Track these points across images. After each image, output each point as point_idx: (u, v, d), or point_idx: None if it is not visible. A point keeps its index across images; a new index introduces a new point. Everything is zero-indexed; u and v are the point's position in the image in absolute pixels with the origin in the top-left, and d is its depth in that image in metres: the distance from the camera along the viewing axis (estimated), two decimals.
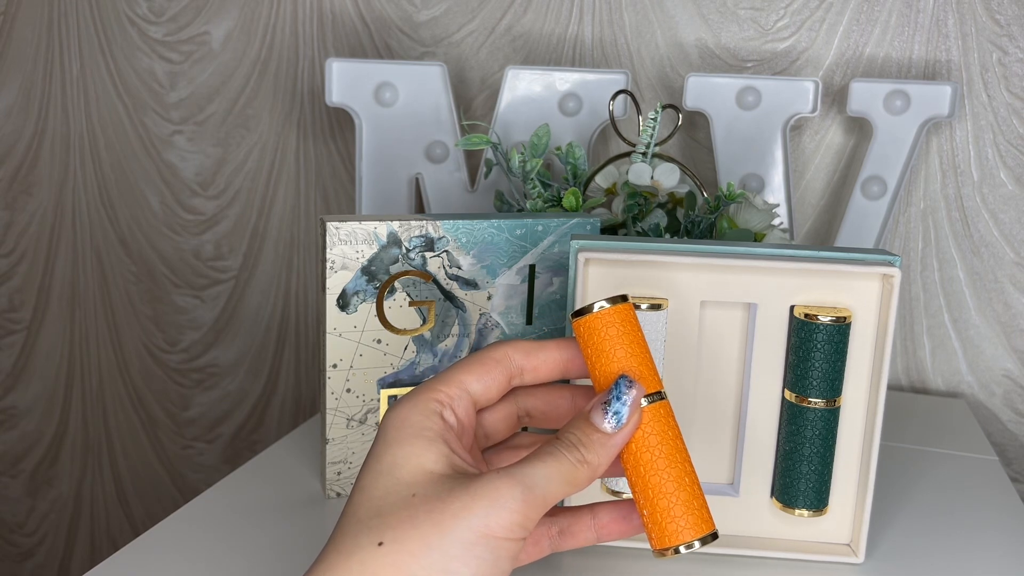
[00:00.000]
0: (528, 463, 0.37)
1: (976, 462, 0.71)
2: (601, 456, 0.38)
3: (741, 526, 0.55)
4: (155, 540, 0.54)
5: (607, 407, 0.39)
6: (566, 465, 0.38)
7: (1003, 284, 0.85)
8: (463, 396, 0.40)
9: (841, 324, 0.51)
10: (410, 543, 0.35)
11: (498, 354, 0.41)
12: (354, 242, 0.57)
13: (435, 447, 0.38)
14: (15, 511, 1.15)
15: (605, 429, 0.39)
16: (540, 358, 0.42)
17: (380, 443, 0.38)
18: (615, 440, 0.39)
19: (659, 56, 0.88)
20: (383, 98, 0.81)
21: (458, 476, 0.37)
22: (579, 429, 0.39)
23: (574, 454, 0.38)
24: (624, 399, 0.39)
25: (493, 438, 0.43)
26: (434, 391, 0.40)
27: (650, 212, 0.69)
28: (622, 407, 0.39)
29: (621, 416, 0.39)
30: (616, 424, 0.39)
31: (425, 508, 0.35)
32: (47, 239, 1.06)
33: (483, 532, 0.35)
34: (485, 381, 0.41)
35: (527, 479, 0.36)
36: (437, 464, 0.37)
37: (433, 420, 0.38)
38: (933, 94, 0.78)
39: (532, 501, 0.36)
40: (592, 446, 0.38)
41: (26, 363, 1.10)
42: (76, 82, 1.01)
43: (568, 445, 0.38)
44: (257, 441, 1.06)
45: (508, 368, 0.41)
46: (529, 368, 0.42)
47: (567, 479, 0.37)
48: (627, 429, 0.39)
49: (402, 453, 0.37)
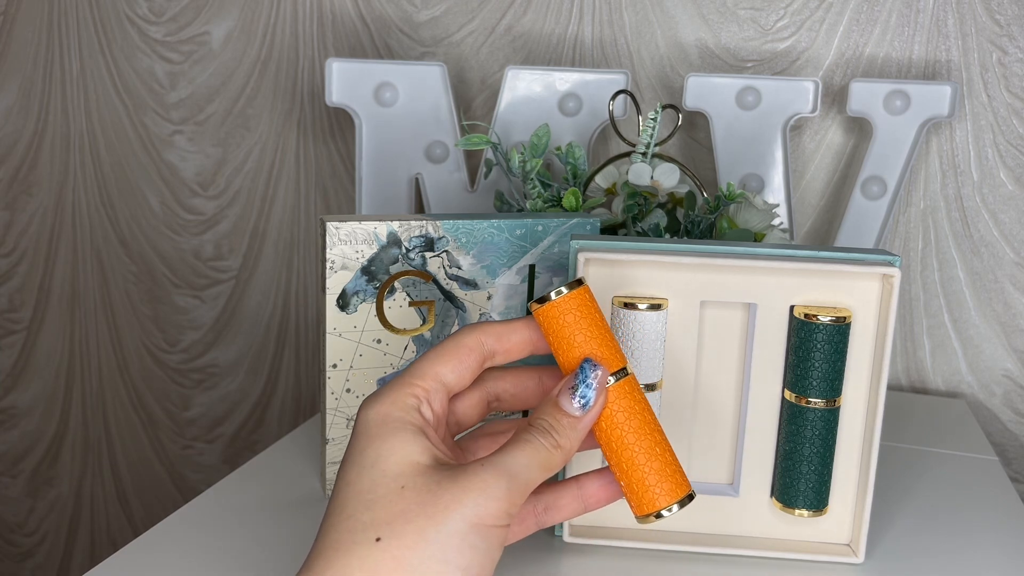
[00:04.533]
0: (508, 452, 0.38)
1: (976, 462, 0.71)
2: (572, 439, 0.40)
3: (741, 526, 0.55)
4: (155, 540, 0.54)
5: (574, 391, 0.40)
6: (542, 451, 0.39)
7: (1003, 284, 0.85)
8: (439, 389, 0.41)
9: (841, 324, 0.51)
10: (407, 537, 0.36)
11: (470, 341, 0.42)
12: (354, 242, 0.57)
13: (418, 440, 0.38)
14: (15, 511, 1.15)
15: (573, 412, 0.40)
16: (512, 340, 0.42)
17: (361, 438, 0.39)
18: (584, 422, 0.40)
19: (659, 56, 0.88)
20: (383, 98, 0.81)
21: (443, 467, 0.38)
22: (549, 414, 0.40)
23: (547, 439, 0.39)
24: (589, 382, 0.40)
25: (464, 425, 0.44)
26: (411, 386, 0.40)
27: (650, 212, 0.69)
28: (588, 390, 0.40)
29: (588, 399, 0.40)
30: (584, 407, 0.40)
31: (417, 501, 0.36)
32: (47, 239, 1.06)
33: (475, 522, 0.36)
34: (459, 371, 0.41)
35: (509, 468, 0.38)
36: (422, 456, 0.38)
37: (412, 415, 0.39)
38: (933, 94, 0.78)
39: (516, 488, 0.38)
40: (563, 430, 0.40)
41: (26, 363, 1.10)
42: (76, 82, 1.01)
43: (541, 431, 0.40)
44: (257, 441, 1.06)
45: (480, 354, 0.42)
46: (501, 351, 0.42)
47: (543, 464, 0.39)
48: (594, 410, 0.40)
49: (386, 447, 0.38)
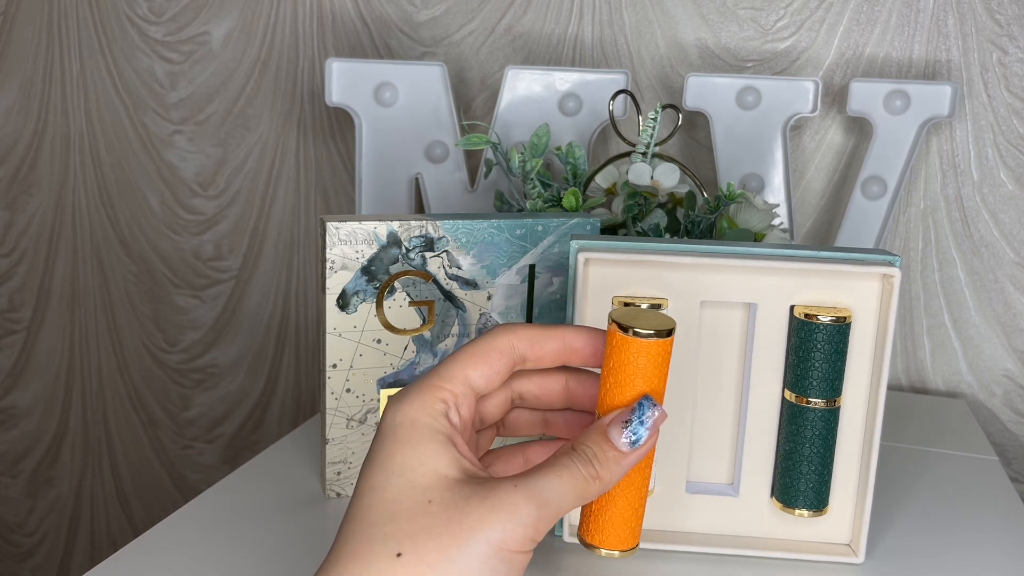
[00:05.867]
0: (543, 475, 0.37)
1: (976, 462, 0.71)
2: (614, 473, 0.38)
3: (741, 526, 0.55)
4: (155, 540, 0.54)
5: (627, 425, 0.38)
6: (580, 480, 0.37)
7: (1003, 284, 0.85)
8: (467, 394, 0.39)
9: (841, 324, 0.51)
10: (428, 555, 0.34)
11: (502, 344, 0.40)
12: (354, 242, 0.57)
13: (447, 451, 0.37)
14: (15, 511, 1.15)
15: (621, 447, 0.38)
16: (545, 349, 0.41)
17: (389, 442, 0.37)
18: (629, 459, 0.38)
19: (659, 56, 0.88)
20: (383, 98, 0.81)
21: (471, 482, 0.36)
22: (595, 443, 0.38)
23: (588, 469, 0.37)
24: (646, 420, 0.38)
25: (486, 421, 0.43)
26: (439, 389, 0.39)
27: (650, 212, 0.69)
28: (641, 428, 0.38)
29: (640, 437, 0.38)
30: (633, 444, 0.38)
31: (443, 518, 0.35)
32: (47, 239, 1.06)
33: (499, 546, 0.35)
34: (488, 375, 0.40)
35: (543, 494, 0.36)
36: (451, 468, 0.37)
37: (441, 422, 0.38)
38: (933, 94, 0.78)
39: (546, 516, 0.36)
40: (607, 463, 0.38)
41: (26, 363, 1.10)
42: (76, 82, 1.01)
43: (583, 459, 0.38)
44: (257, 441, 1.06)
45: (511, 358, 0.40)
46: (532, 358, 0.41)
47: (579, 494, 0.37)
48: (643, 450, 0.38)
49: (415, 455, 0.37)
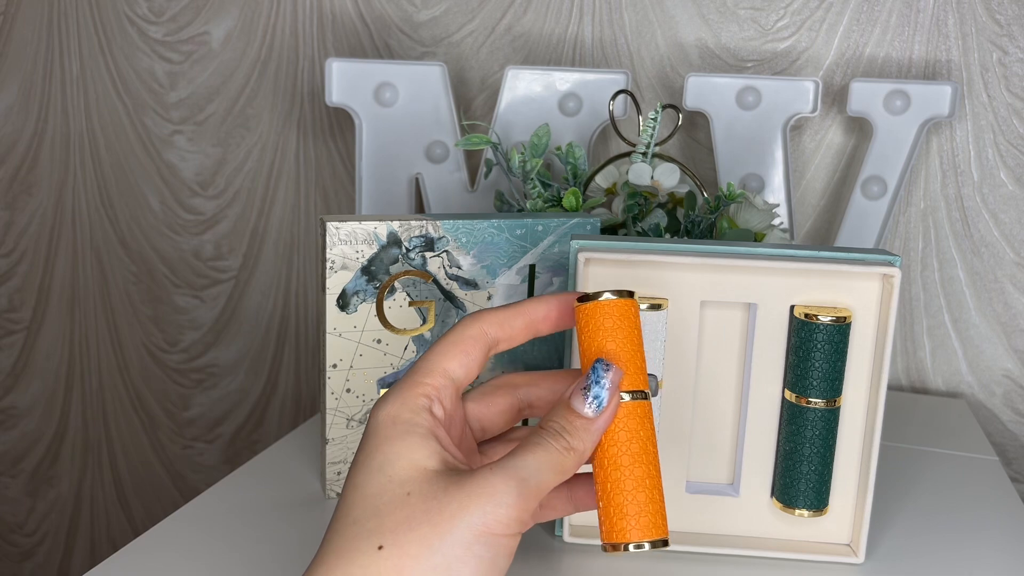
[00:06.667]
0: (518, 455, 0.37)
1: (976, 462, 0.71)
2: (586, 441, 0.38)
3: (741, 526, 0.55)
4: (155, 540, 0.54)
5: (586, 392, 0.38)
6: (554, 454, 0.37)
7: (1003, 284, 0.85)
8: (448, 386, 0.40)
9: (841, 324, 0.51)
10: (410, 546, 0.34)
11: (474, 332, 0.40)
12: (354, 242, 0.57)
13: (427, 444, 0.37)
14: (15, 511, 1.15)
15: (586, 414, 0.38)
16: (515, 326, 0.41)
17: (371, 440, 0.38)
18: (597, 424, 0.38)
19: (659, 56, 0.88)
20: (383, 98, 0.81)
21: (450, 473, 0.36)
22: (561, 416, 0.38)
23: (560, 442, 0.38)
24: (602, 382, 0.38)
25: (490, 432, 0.43)
26: (420, 385, 0.39)
27: (650, 212, 0.69)
28: (601, 390, 0.38)
29: (601, 399, 0.38)
30: (597, 408, 0.38)
31: (422, 508, 0.35)
32: (47, 239, 1.06)
33: (482, 530, 0.35)
34: (466, 364, 0.40)
35: (520, 472, 0.36)
36: (430, 460, 0.37)
37: (423, 416, 0.38)
38: (933, 94, 0.78)
39: (526, 494, 0.36)
40: (576, 432, 0.38)
41: (26, 363, 1.10)
42: (76, 82, 1.01)
43: (553, 433, 0.38)
44: (257, 441, 1.06)
45: (485, 343, 0.41)
46: (504, 338, 0.41)
47: (556, 468, 0.37)
48: (608, 412, 0.38)
49: (394, 451, 0.37)
